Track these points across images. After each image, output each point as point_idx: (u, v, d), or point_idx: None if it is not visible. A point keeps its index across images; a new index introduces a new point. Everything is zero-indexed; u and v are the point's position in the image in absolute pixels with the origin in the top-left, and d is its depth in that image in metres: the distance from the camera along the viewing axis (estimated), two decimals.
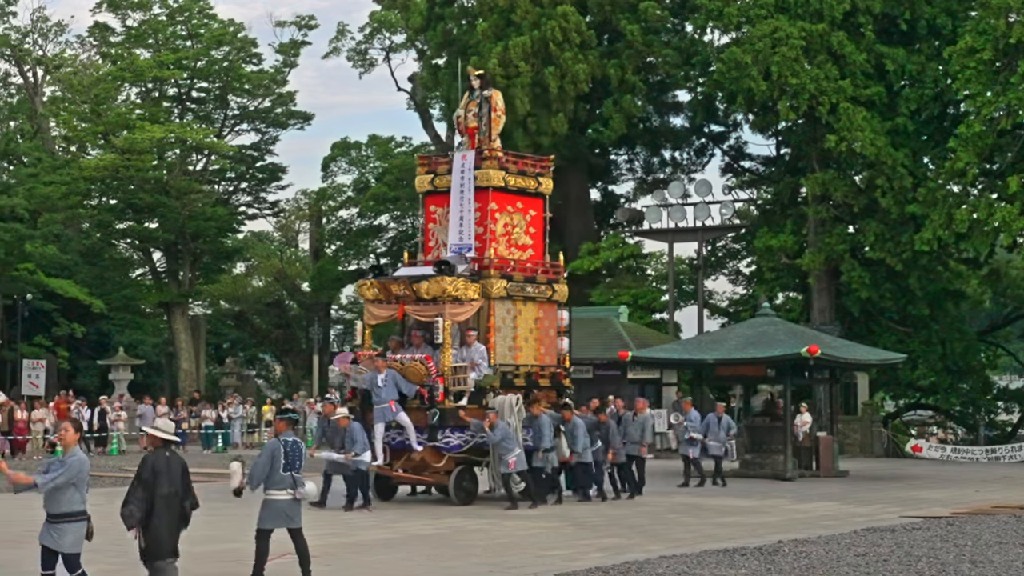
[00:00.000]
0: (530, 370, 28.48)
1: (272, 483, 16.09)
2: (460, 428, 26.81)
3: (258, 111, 69.48)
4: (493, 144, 28.93)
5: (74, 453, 13.94)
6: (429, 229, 29.56)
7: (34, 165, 68.07)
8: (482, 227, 28.29)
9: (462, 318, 27.34)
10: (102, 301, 62.59)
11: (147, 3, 67.67)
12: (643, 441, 29.89)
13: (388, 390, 26.61)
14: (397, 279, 28.10)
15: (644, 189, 60.37)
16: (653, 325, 53.05)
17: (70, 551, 13.84)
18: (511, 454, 26.02)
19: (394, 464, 27.45)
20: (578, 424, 27.72)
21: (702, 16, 50.68)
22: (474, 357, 27.17)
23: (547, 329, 29.09)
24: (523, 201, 29.19)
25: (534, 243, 29.38)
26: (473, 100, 29.50)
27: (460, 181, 28.43)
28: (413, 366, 26.85)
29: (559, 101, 51.28)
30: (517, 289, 28.26)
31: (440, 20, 56.77)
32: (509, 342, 28.18)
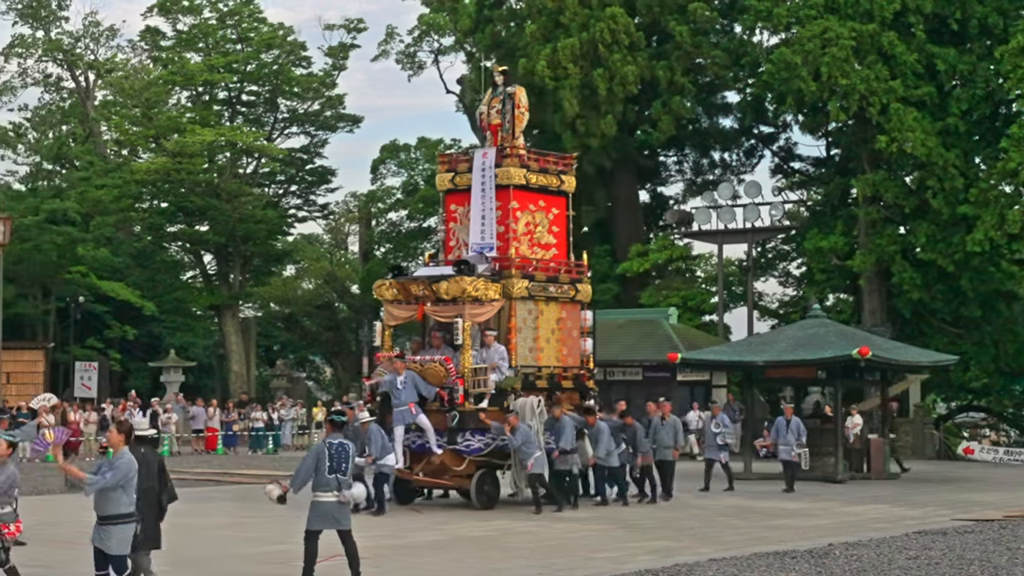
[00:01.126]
0: (552, 371, 28.03)
1: (318, 485, 16.14)
2: (480, 431, 26.33)
3: (307, 114, 69.74)
4: (516, 141, 28.46)
5: (122, 455, 13.98)
6: (450, 228, 29.07)
7: (86, 169, 68.58)
8: (503, 226, 27.81)
9: (482, 319, 26.88)
10: (153, 303, 63.00)
11: (197, 7, 68.07)
12: (676, 445, 29.42)
13: (407, 392, 26.21)
14: (416, 279, 27.66)
15: (693, 191, 60.20)
16: (703, 327, 52.91)
17: (116, 553, 13.90)
18: (531, 457, 25.60)
19: (414, 467, 26.97)
20: (602, 427, 27.25)
21: (751, 17, 50.49)
22: (494, 358, 26.68)
23: (570, 330, 28.62)
24: (545, 199, 28.71)
25: (557, 242, 28.90)
26: (496, 97, 29.04)
27: (481, 179, 27.95)
28: (432, 368, 26.47)
29: (608, 103, 51.19)
30: (539, 289, 27.79)
31: (489, 22, 56.81)
32: (531, 343, 27.70)
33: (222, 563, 18.69)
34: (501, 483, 27.22)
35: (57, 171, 73.11)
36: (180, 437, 48.21)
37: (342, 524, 16.30)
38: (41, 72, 75.80)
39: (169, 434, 46.57)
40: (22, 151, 79.06)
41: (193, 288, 70.80)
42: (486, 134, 29.18)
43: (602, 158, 53.09)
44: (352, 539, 16.38)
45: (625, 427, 28.09)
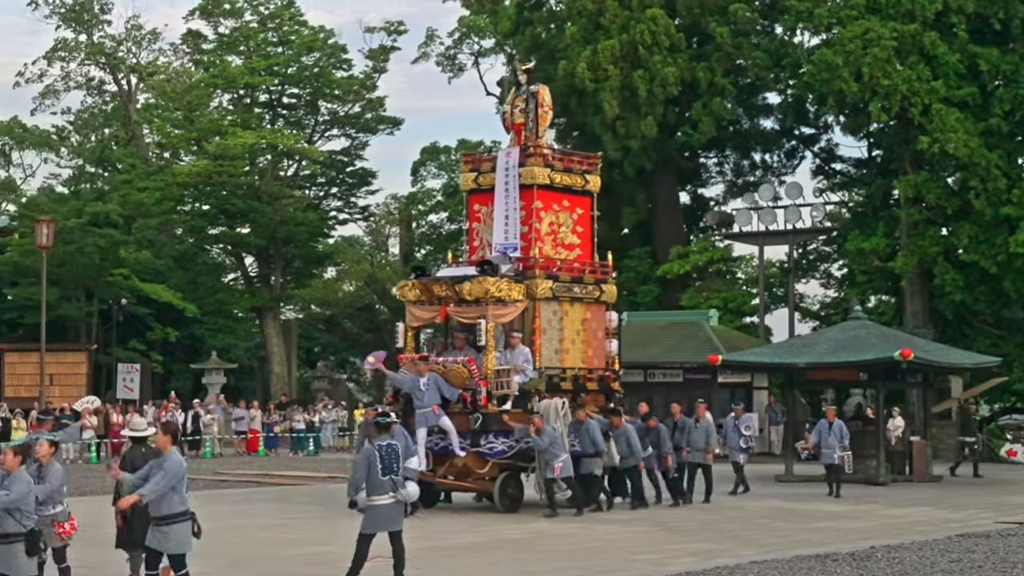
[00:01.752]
0: (577, 373, 27.76)
1: (373, 489, 16.13)
2: (504, 433, 26.10)
3: (348, 116, 69.90)
4: (539, 141, 28.22)
5: (170, 456, 14.06)
6: (473, 228, 28.87)
7: (128, 171, 68.97)
8: (527, 226, 27.56)
9: (505, 320, 26.64)
10: (195, 305, 63.27)
11: (239, 10, 68.36)
12: (708, 447, 28.94)
13: (430, 394, 25.94)
14: (439, 280, 27.40)
15: (734, 192, 60.04)
16: (743, 329, 52.76)
17: (176, 552, 14.00)
18: (557, 460, 25.27)
19: (437, 470, 26.65)
20: (628, 429, 26.98)
21: (792, 17, 50.30)
22: (518, 360, 26.42)
23: (595, 331, 28.35)
24: (569, 199, 28.45)
25: (581, 242, 28.61)
26: (520, 96, 28.84)
27: (504, 179, 27.67)
28: (455, 369, 26.22)
29: (648, 104, 51.10)
30: (563, 290, 27.54)
31: (529, 24, 56.81)
32: (555, 344, 27.44)
33: (268, 564, 18.77)
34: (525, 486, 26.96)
35: (100, 174, 73.53)
36: (222, 438, 48.41)
37: (395, 525, 16.34)
38: (84, 75, 76.38)
39: (211, 435, 46.77)
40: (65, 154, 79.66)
41: (234, 290, 71.08)
42: (509, 133, 28.90)
43: (642, 160, 53.01)
44: (401, 541, 16.43)
45: (649, 429, 27.84)
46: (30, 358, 53.82)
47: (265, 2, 68.29)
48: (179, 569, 14.14)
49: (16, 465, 13.05)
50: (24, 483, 12.94)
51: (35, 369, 51.90)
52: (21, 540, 12.86)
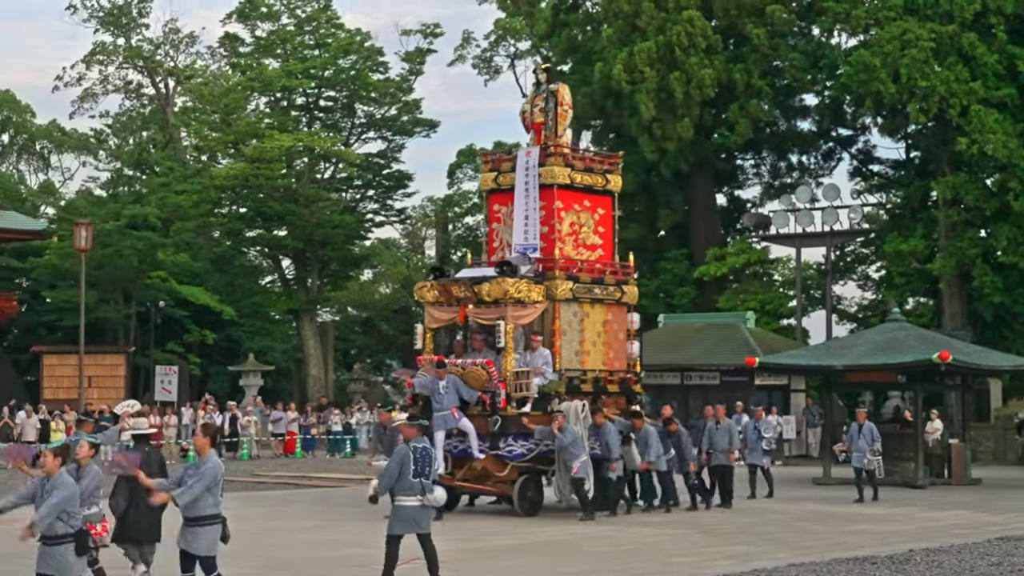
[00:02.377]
0: (598, 375, 27.27)
1: (402, 489, 16.14)
2: (523, 436, 25.62)
3: (384, 119, 70.03)
4: (560, 140, 27.76)
5: (209, 458, 14.09)
6: (493, 229, 28.41)
7: (166, 174, 69.29)
8: (547, 226, 27.11)
9: (525, 321, 26.23)
10: (232, 308, 63.52)
11: (276, 14, 68.59)
12: (731, 449, 28.48)
13: (449, 397, 25.62)
14: (457, 281, 27.00)
15: (771, 194, 59.89)
16: (781, 331, 52.63)
17: (206, 554, 14.02)
18: (576, 460, 24.72)
19: (456, 473, 26.23)
20: (650, 432, 26.42)
21: (829, 19, 50.18)
22: (538, 362, 25.98)
23: (616, 332, 27.82)
24: (590, 199, 27.97)
25: (603, 243, 28.15)
26: (540, 95, 28.31)
27: (524, 179, 27.25)
28: (474, 371, 25.85)
29: (685, 106, 51.04)
30: (584, 291, 27.05)
31: (565, 26, 56.82)
32: (576, 346, 26.92)
33: (305, 566, 18.80)
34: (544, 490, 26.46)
35: (138, 177, 73.91)
36: (259, 440, 48.54)
37: (423, 528, 16.32)
38: (122, 79, 76.87)
39: (248, 437, 46.89)
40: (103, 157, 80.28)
41: (271, 293, 71.31)
42: (529, 133, 28.49)
43: (679, 161, 52.94)
44: (431, 543, 16.41)
45: (670, 434, 27.26)
46: (69, 360, 54.15)
47: (302, 5, 68.49)
48: (210, 572, 14.17)
49: (56, 467, 13.11)
50: (68, 485, 13.00)
51: (74, 371, 52.22)
52: (70, 541, 12.92)
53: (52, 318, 64.56)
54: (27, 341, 63.39)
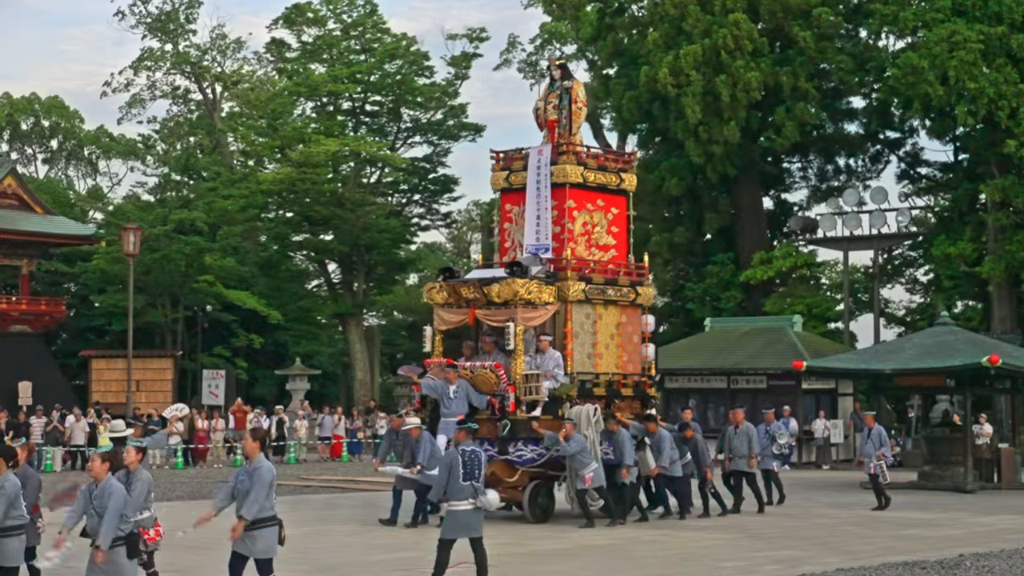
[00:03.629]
0: (611, 379, 26.62)
1: (453, 493, 16.14)
2: (533, 440, 24.93)
3: (430, 123, 70.14)
4: (573, 138, 27.21)
5: (260, 462, 14.13)
6: (505, 229, 27.93)
7: (213, 179, 69.62)
8: (559, 226, 26.55)
9: (535, 323, 25.61)
10: (279, 312, 63.74)
11: (322, 19, 68.79)
12: (751, 454, 27.52)
13: (458, 402, 25.04)
14: (467, 282, 26.35)
15: (818, 197, 59.66)
16: (828, 335, 52.39)
17: (263, 556, 14.08)
18: (587, 468, 24.04)
19: None
20: (664, 436, 25.61)
21: (876, 21, 49.96)
22: (548, 365, 25.38)
23: (630, 335, 27.21)
24: (604, 198, 27.42)
25: (617, 243, 27.60)
26: (553, 92, 27.77)
27: (536, 177, 26.65)
28: (483, 374, 25.33)
29: (731, 109, 50.91)
30: (597, 292, 26.43)
31: (610, 30, 56.77)
32: (588, 349, 26.35)
33: (353, 570, 18.84)
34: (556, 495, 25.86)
35: (185, 182, 74.29)
36: (306, 444, 48.69)
37: (475, 532, 16.33)
38: (169, 85, 77.29)
39: (295, 441, 47.03)
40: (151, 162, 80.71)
41: (318, 297, 71.53)
42: (543, 131, 27.80)
43: (725, 165, 52.81)
44: (483, 547, 16.43)
45: (686, 439, 26.46)
46: (117, 364, 54.46)
47: (348, 10, 68.69)
48: (267, 574, 14.23)
49: (104, 472, 13.19)
50: (118, 491, 13.08)
51: (122, 375, 52.50)
52: (122, 544, 13.01)
53: (100, 322, 64.99)
54: (76, 345, 63.81)
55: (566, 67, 28.76)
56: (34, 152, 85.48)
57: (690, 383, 45.97)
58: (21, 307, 59.87)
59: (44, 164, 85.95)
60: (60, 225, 61.03)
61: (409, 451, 24.76)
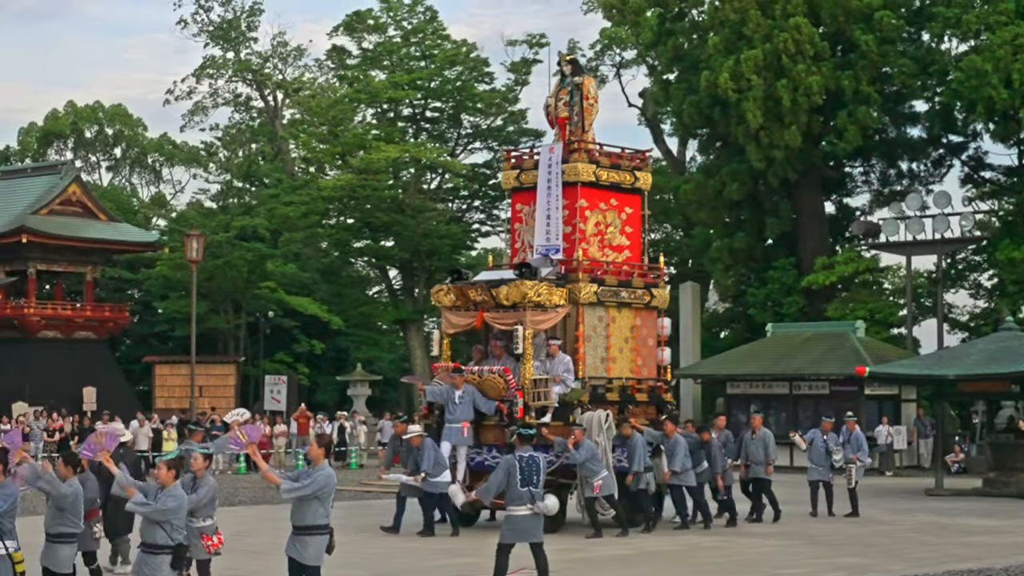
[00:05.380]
0: (625, 383, 25.92)
1: (511, 499, 16.14)
2: (542, 448, 22.94)
3: (490, 129, 70.21)
4: (585, 136, 26.53)
5: (322, 468, 14.16)
6: (515, 229, 27.29)
7: (275, 186, 70.01)
8: (570, 226, 25.86)
9: (545, 326, 24.87)
10: (340, 318, 64.00)
11: (382, 26, 69.03)
12: (767, 460, 26.67)
13: (464, 408, 24.46)
14: (475, 284, 25.75)
15: (880, 201, 59.22)
16: (891, 340, 52.00)
17: (312, 563, 14.10)
18: (596, 476, 23.18)
19: (474, 486, 23.68)
20: (679, 441, 24.75)
21: (939, 24, 49.56)
22: (558, 369, 24.64)
23: (645, 338, 26.48)
24: (617, 198, 26.66)
25: (631, 244, 26.84)
26: (564, 88, 27.13)
27: (547, 176, 25.96)
28: (491, 379, 24.62)
29: (792, 114, 50.64)
30: (610, 294, 25.74)
31: (671, 35, 56.60)
32: (601, 352, 25.64)
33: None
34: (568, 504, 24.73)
35: (247, 189, 74.76)
36: (367, 450, 48.83)
37: (534, 537, 16.32)
38: (231, 92, 77.88)
39: (356, 446, 47.17)
40: (213, 169, 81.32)
41: (379, 303, 71.74)
42: (554, 128, 27.18)
43: (786, 170, 52.53)
44: (544, 553, 16.42)
45: (703, 443, 25.66)
46: (180, 370, 54.87)
47: (408, 17, 68.88)
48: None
49: (171, 479, 13.25)
50: (177, 498, 13.12)
51: (185, 381, 52.90)
52: (168, 553, 13.04)
53: (164, 328, 65.49)
54: (139, 351, 64.34)
55: (577, 62, 28.24)
56: (98, 160, 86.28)
57: (752, 389, 45.84)
58: (86, 313, 60.51)
59: (108, 172, 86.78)
60: (124, 232, 61.59)
61: (412, 458, 24.17)
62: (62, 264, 60.45)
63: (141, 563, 13.07)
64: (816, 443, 28.31)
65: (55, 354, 57.38)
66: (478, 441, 24.98)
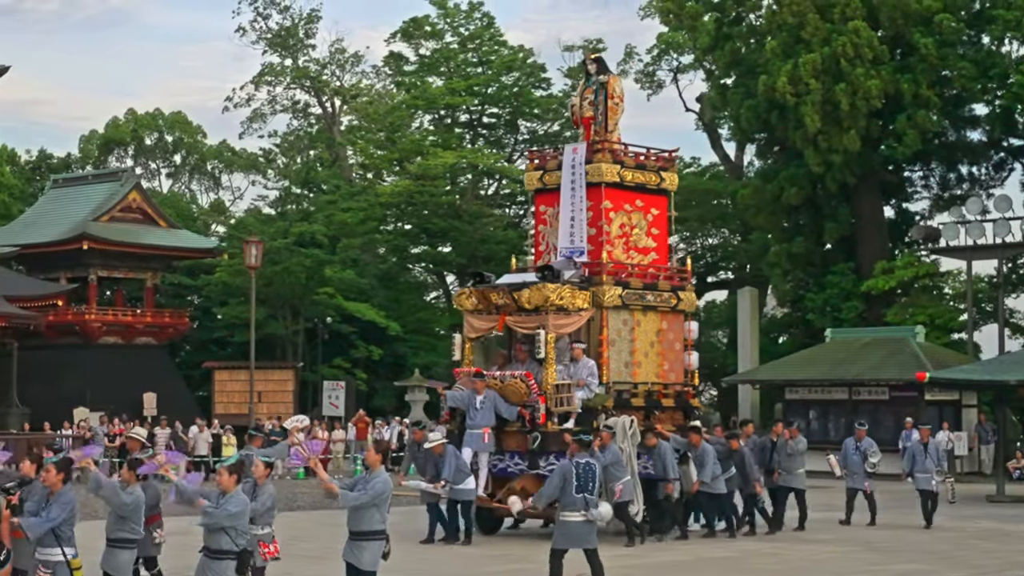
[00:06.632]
0: (651, 388, 25.39)
1: (565, 505, 16.14)
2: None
3: (547, 135, 70.20)
4: (610, 135, 25.96)
5: (379, 474, 14.20)
6: (539, 231, 26.80)
7: (332, 192, 70.25)
8: (595, 228, 25.34)
9: (568, 330, 24.30)
10: (398, 324, 64.10)
11: (439, 32, 69.20)
12: (797, 467, 25.95)
13: (484, 414, 23.88)
14: (496, 287, 25.16)
15: (940, 206, 58.78)
16: (951, 345, 51.60)
17: (368, 568, 14.15)
18: (619, 481, 22.41)
19: (496, 494, 24.30)
20: (707, 450, 24.16)
21: (999, 27, 49.17)
22: (582, 374, 24.09)
23: (672, 342, 25.96)
24: (643, 199, 26.14)
25: (657, 246, 26.34)
26: (589, 87, 26.65)
27: (571, 177, 25.45)
28: (512, 384, 24.04)
29: (851, 118, 50.36)
30: (635, 297, 25.24)
31: (728, 39, 56.42)
32: (626, 357, 25.11)
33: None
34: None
35: (305, 195, 75.06)
36: None
37: (588, 543, 16.30)
38: (289, 99, 78.19)
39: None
40: (272, 176, 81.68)
41: (436, 308, 71.82)
42: (579, 128, 26.76)
43: (845, 174, 52.25)
44: (598, 558, 16.40)
45: (732, 452, 24.92)
46: (239, 376, 55.11)
47: (465, 23, 69.04)
48: None
49: (232, 484, 13.32)
50: (241, 503, 13.19)
51: (244, 387, 53.13)
52: (232, 558, 13.11)
53: (223, 334, 65.79)
54: (199, 357, 64.68)
55: (602, 61, 27.71)
56: (158, 167, 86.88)
57: (810, 394, 45.62)
58: (146, 319, 60.94)
59: (168, 178, 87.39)
60: (183, 238, 61.99)
61: (432, 465, 23.52)
62: (122, 270, 60.90)
63: (204, 568, 13.13)
64: (848, 451, 27.76)
65: (116, 360, 57.80)
66: (500, 447, 24.44)
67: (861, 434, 28.02)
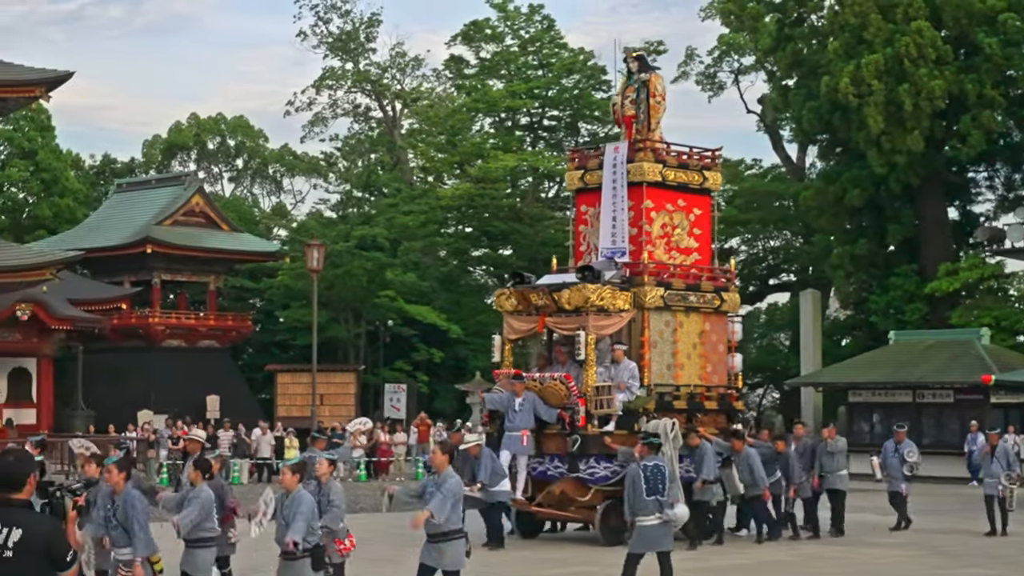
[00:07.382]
0: (693, 391, 24.96)
1: (639, 509, 16.09)
2: (606, 457, 23.14)
3: (608, 138, 69.91)
4: (652, 134, 25.56)
5: (449, 474, 14.23)
6: (580, 232, 26.34)
7: (393, 195, 70.48)
8: (636, 228, 24.93)
9: (608, 331, 23.90)
10: (459, 327, 64.20)
11: (500, 35, 69.26)
12: (839, 468, 25.39)
13: (523, 416, 23.53)
14: (536, 288, 24.81)
15: (1005, 207, 58.28)
16: (1017, 347, 51.12)
17: (451, 568, 14.18)
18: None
19: (536, 497, 24.09)
20: (750, 454, 23.68)
21: None
22: (623, 376, 23.69)
23: (715, 344, 25.53)
24: (685, 198, 25.67)
25: (699, 246, 25.88)
26: (631, 86, 26.22)
27: (612, 176, 25.00)
28: (552, 386, 23.70)
29: (914, 119, 50.00)
30: (677, 298, 24.83)
31: (789, 40, 56.17)
32: (668, 359, 24.69)
33: None
34: None
35: (366, 198, 75.34)
36: None
37: (664, 546, 16.25)
38: (351, 103, 78.54)
39: None
40: (333, 180, 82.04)
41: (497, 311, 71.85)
42: (620, 127, 26.28)
43: (908, 175, 51.89)
44: (669, 562, 16.36)
45: (778, 455, 24.46)
46: (301, 379, 55.35)
47: (525, 26, 69.07)
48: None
49: (295, 483, 13.41)
50: (307, 503, 13.27)
51: (306, 389, 53.32)
52: (307, 556, 13.21)
53: (285, 337, 66.15)
54: (261, 359, 65.05)
55: (644, 59, 27.38)
56: (220, 171, 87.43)
57: (874, 397, 45.31)
58: (209, 323, 61.39)
59: (230, 182, 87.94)
60: (245, 242, 62.40)
61: (469, 468, 22.63)
62: (185, 274, 61.40)
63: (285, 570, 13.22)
64: (888, 453, 27.31)
65: (179, 363, 58.27)
66: (540, 450, 24.11)
67: (900, 436, 27.52)
